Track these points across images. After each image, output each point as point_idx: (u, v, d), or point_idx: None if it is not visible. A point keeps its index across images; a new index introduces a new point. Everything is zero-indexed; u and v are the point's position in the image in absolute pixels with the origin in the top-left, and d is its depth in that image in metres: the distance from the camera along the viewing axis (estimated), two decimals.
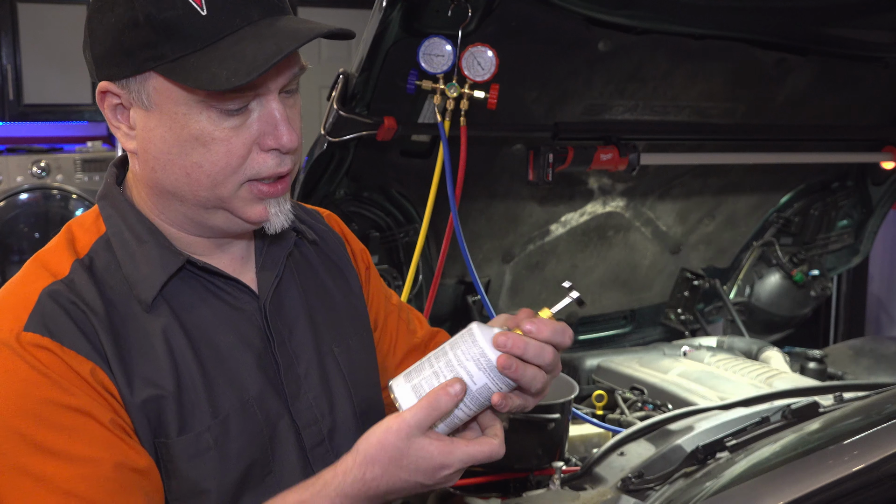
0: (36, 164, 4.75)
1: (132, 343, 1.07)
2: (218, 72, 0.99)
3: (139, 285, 1.09)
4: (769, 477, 1.22)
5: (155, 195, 1.12)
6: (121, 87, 1.05)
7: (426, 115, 2.30)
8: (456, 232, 2.13)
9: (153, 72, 1.02)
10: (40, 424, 0.99)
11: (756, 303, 3.28)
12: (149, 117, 1.05)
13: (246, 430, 1.13)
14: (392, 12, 2.00)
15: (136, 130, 1.07)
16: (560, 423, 1.71)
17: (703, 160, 2.85)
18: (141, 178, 1.12)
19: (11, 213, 4.66)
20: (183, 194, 1.09)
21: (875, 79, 2.85)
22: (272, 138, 1.07)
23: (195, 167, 1.06)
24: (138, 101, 1.05)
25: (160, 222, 1.14)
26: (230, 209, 1.10)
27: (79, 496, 0.99)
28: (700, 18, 2.35)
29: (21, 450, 0.99)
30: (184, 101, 1.03)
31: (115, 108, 1.08)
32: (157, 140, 1.06)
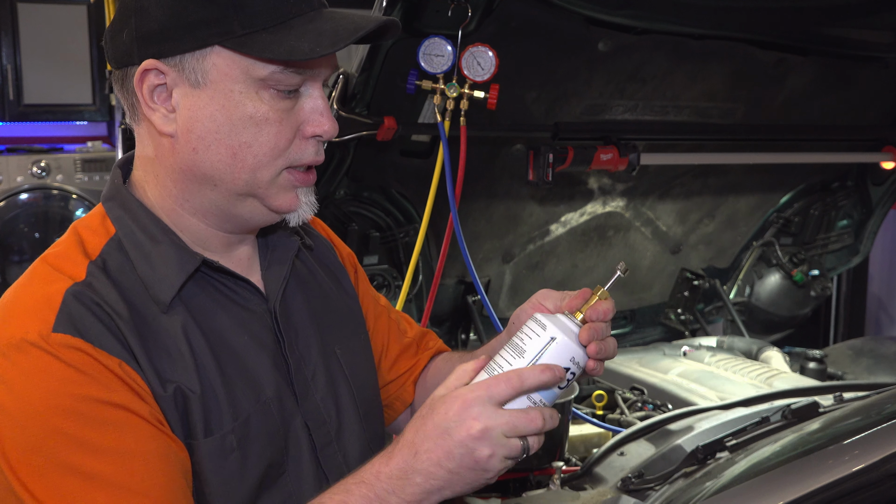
0: (36, 164, 4.74)
1: (157, 345, 1.06)
2: (297, 44, 1.01)
3: (156, 286, 1.08)
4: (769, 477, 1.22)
5: (184, 181, 1.09)
6: (170, 65, 1.04)
7: (426, 115, 2.30)
8: (456, 232, 2.13)
9: (218, 46, 1.02)
10: (84, 422, 0.98)
11: (756, 303, 3.28)
12: (198, 96, 1.05)
13: (264, 430, 1.12)
14: (392, 12, 2.00)
15: (179, 112, 1.06)
16: (560, 423, 1.71)
17: (703, 160, 2.85)
18: (171, 165, 1.09)
19: (11, 213, 4.66)
20: (221, 177, 1.08)
21: (875, 79, 2.85)
22: (316, 125, 1.09)
23: (244, 147, 1.06)
24: (189, 79, 1.04)
25: (178, 216, 1.12)
26: (262, 197, 1.10)
27: (131, 490, 0.98)
28: (700, 18, 2.35)
29: (67, 449, 0.97)
30: (242, 79, 1.04)
31: (155, 88, 1.06)
32: (206, 119, 1.05)
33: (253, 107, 1.05)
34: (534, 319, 1.06)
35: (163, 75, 1.05)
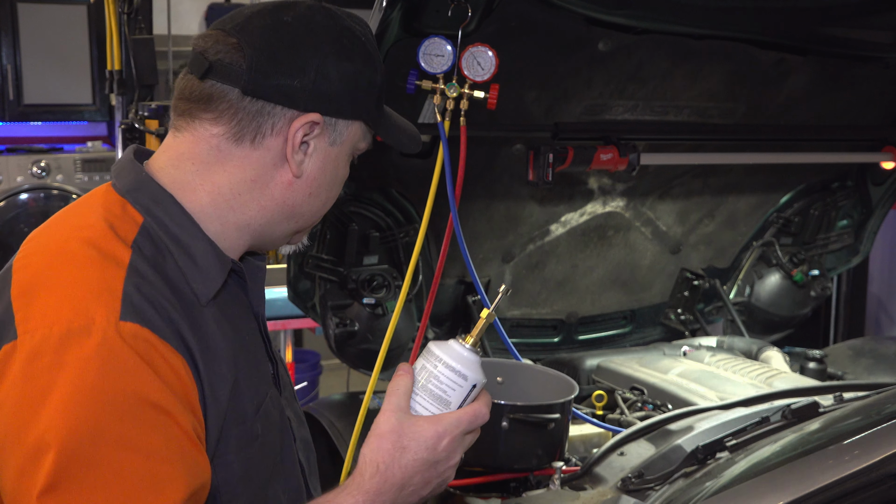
0: (36, 164, 4.75)
1: (204, 338, 1.10)
2: (400, 137, 1.29)
3: (200, 281, 1.13)
4: (769, 477, 1.22)
5: (278, 212, 1.21)
6: (328, 123, 1.19)
7: (426, 115, 2.30)
8: (456, 232, 2.13)
9: (361, 121, 1.23)
10: (126, 418, 0.99)
11: (756, 303, 3.28)
12: (330, 152, 1.21)
13: (273, 419, 1.22)
14: (392, 12, 2.00)
15: (311, 160, 1.20)
16: (560, 423, 1.71)
17: (703, 160, 2.85)
18: (279, 198, 1.20)
19: (11, 213, 4.66)
20: (306, 217, 1.24)
21: (875, 79, 2.85)
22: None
23: (331, 198, 1.26)
24: (330, 138, 1.20)
25: (219, 223, 1.18)
26: (301, 234, 1.29)
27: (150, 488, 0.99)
28: (700, 18, 2.35)
29: (102, 440, 0.98)
30: (352, 147, 1.24)
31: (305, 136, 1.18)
32: (329, 172, 1.22)
33: (345, 169, 1.26)
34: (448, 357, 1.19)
35: (317, 127, 1.18)
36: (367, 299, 2.51)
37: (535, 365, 2.05)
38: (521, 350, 2.39)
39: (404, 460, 1.13)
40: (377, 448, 1.13)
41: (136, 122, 3.55)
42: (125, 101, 3.81)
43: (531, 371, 1.95)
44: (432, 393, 1.16)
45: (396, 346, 2.60)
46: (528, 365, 2.03)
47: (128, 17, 3.52)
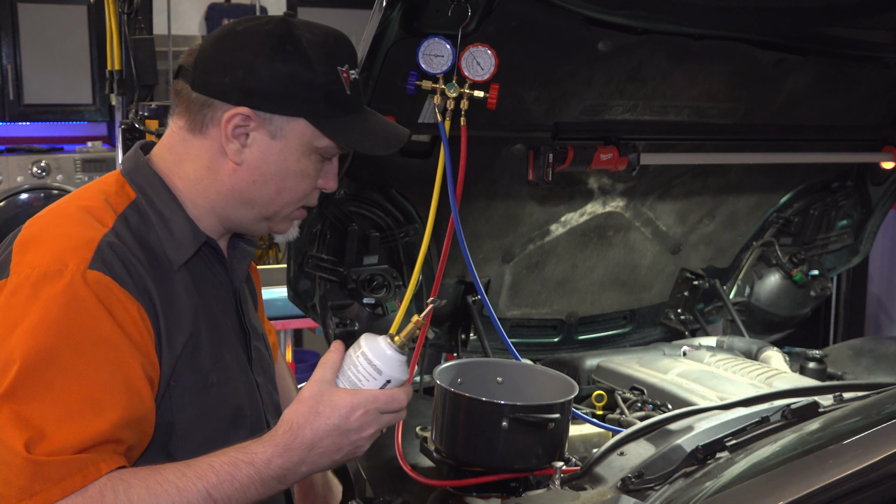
0: (36, 164, 4.76)
1: (169, 294, 1.31)
2: (361, 139, 1.39)
3: (173, 248, 1.35)
4: (769, 477, 1.22)
5: (229, 196, 1.39)
6: (260, 117, 1.34)
7: (426, 115, 2.30)
8: (457, 232, 2.13)
9: (304, 119, 1.35)
10: (78, 348, 1.20)
11: (756, 303, 3.28)
12: (272, 144, 1.36)
13: (234, 377, 1.42)
14: (392, 12, 2.00)
15: (250, 150, 1.36)
16: (560, 423, 1.71)
17: (703, 160, 2.85)
18: (226, 183, 1.38)
19: (11, 213, 4.66)
20: (261, 204, 1.40)
21: (875, 79, 2.85)
22: (327, 183, 1.45)
23: (287, 190, 1.39)
24: (269, 131, 1.35)
25: (198, 207, 1.39)
26: (273, 222, 1.44)
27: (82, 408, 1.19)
28: (700, 18, 2.35)
29: (54, 364, 1.18)
30: (307, 143, 1.37)
31: (237, 127, 1.34)
32: (272, 163, 1.36)
33: (305, 164, 1.39)
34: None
35: (249, 121, 1.34)
36: (367, 299, 2.51)
37: (535, 365, 2.05)
38: (521, 350, 2.39)
39: (317, 423, 1.26)
40: (295, 410, 1.29)
41: (136, 122, 3.56)
42: (125, 101, 3.82)
43: (531, 371, 1.95)
44: (349, 378, 1.31)
45: None
46: (528, 365, 2.03)
47: (128, 17, 3.52)
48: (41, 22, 4.84)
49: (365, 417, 1.28)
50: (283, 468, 1.26)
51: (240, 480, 1.23)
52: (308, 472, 1.29)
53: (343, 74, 1.37)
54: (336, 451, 1.28)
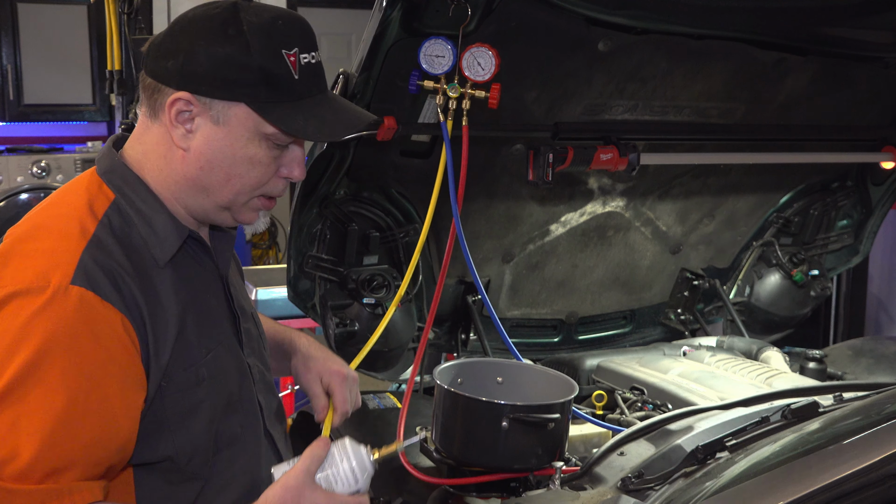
0: (36, 164, 4.75)
1: (153, 296, 1.32)
2: (305, 125, 1.34)
3: (157, 246, 1.35)
4: (769, 477, 1.22)
5: (185, 185, 1.38)
6: (200, 102, 1.32)
7: (426, 115, 2.30)
8: (457, 232, 2.13)
9: (244, 104, 1.32)
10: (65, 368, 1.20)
11: (756, 303, 3.28)
12: (215, 130, 1.34)
13: (226, 365, 1.44)
14: (392, 12, 2.00)
15: (195, 135, 1.34)
16: (560, 423, 1.71)
17: (703, 160, 2.85)
18: (178, 171, 1.37)
19: (11, 213, 4.64)
20: (213, 192, 1.38)
21: (875, 79, 2.85)
22: (290, 171, 1.41)
23: (236, 176, 1.37)
24: (211, 117, 1.33)
25: (169, 201, 1.39)
26: (234, 212, 1.42)
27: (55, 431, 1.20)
28: (700, 18, 2.35)
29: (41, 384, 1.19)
30: (252, 129, 1.34)
31: (181, 112, 1.33)
32: (216, 150, 1.35)
33: (253, 151, 1.36)
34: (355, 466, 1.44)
35: (191, 106, 1.33)
36: (367, 299, 2.51)
37: (535, 365, 2.05)
38: (521, 350, 2.39)
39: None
40: (280, 496, 1.33)
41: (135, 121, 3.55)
42: (125, 101, 3.81)
43: (531, 371, 1.95)
44: (328, 478, 1.40)
45: (397, 346, 2.60)
46: (528, 365, 2.03)
47: (128, 17, 3.52)
48: (41, 22, 4.84)
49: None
50: None
51: None
52: None
53: (289, 58, 1.32)
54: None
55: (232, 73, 1.31)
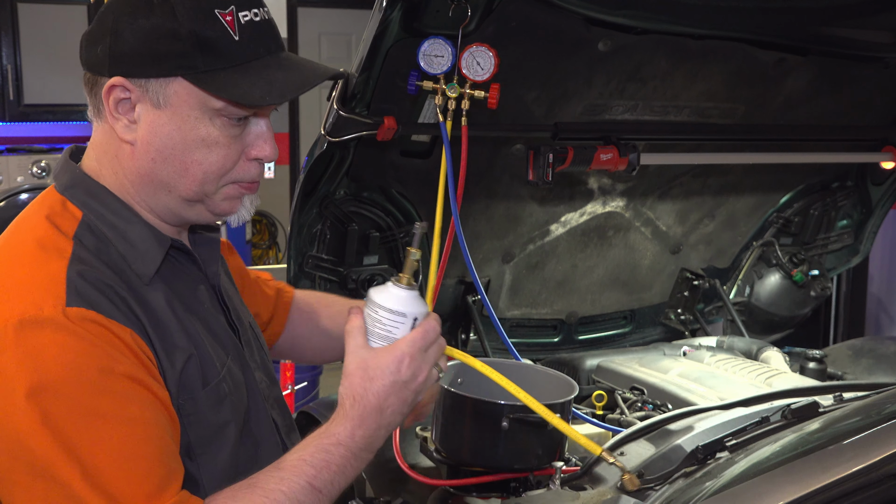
0: (36, 164, 4.75)
1: (152, 315, 1.20)
2: (250, 89, 1.17)
3: (138, 261, 1.22)
4: (769, 477, 1.22)
5: (142, 184, 1.23)
6: (136, 85, 1.18)
7: (426, 115, 2.30)
8: (457, 232, 2.13)
9: (181, 78, 1.17)
10: (95, 392, 1.08)
11: (756, 303, 3.28)
12: (158, 115, 1.19)
13: (237, 378, 1.33)
14: (392, 12, 2.00)
15: (140, 124, 1.20)
16: None
17: (703, 160, 2.85)
18: (130, 168, 1.23)
19: (11, 213, 4.64)
20: (174, 186, 1.22)
21: (875, 79, 2.85)
22: (259, 150, 1.25)
23: (195, 164, 1.21)
24: (151, 99, 1.18)
25: (138, 208, 1.25)
26: (208, 204, 1.26)
27: (132, 454, 1.09)
28: (700, 18, 2.35)
29: (77, 416, 1.07)
30: (198, 106, 1.18)
31: (120, 101, 1.19)
32: (164, 136, 1.19)
33: (206, 131, 1.20)
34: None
35: (128, 91, 1.18)
36: None
37: (535, 365, 2.05)
38: (521, 350, 2.39)
39: (375, 388, 1.22)
40: (349, 385, 1.23)
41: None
42: None
43: (531, 371, 1.95)
44: (380, 335, 1.27)
45: None
46: (528, 365, 2.03)
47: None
48: (41, 22, 4.84)
49: (413, 363, 1.24)
50: (366, 437, 1.23)
51: (336, 463, 1.20)
52: (387, 433, 1.26)
53: (225, 18, 1.16)
54: (403, 404, 1.25)
55: (161, 45, 1.15)
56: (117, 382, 1.10)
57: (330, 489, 1.19)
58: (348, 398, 1.23)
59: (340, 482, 1.21)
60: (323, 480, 1.18)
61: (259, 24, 1.20)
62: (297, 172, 6.20)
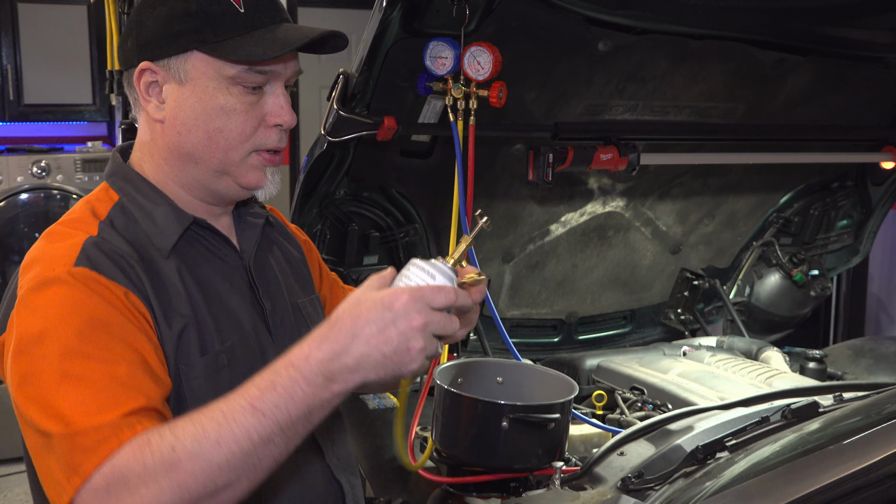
0: (36, 164, 4.75)
1: (160, 282, 1.30)
2: (254, 49, 1.29)
3: (158, 237, 1.33)
4: (769, 477, 1.22)
5: (173, 159, 1.36)
6: (161, 66, 1.32)
7: (426, 115, 2.31)
8: (464, 230, 2.13)
9: (196, 51, 1.30)
10: (78, 337, 1.17)
11: (756, 303, 3.28)
12: (182, 90, 1.32)
13: (246, 355, 1.37)
14: (392, 12, 2.00)
15: (167, 103, 1.33)
16: (560, 423, 1.71)
17: (703, 160, 2.85)
18: (162, 146, 1.36)
19: (11, 213, 4.65)
20: (200, 156, 1.34)
21: (875, 79, 2.85)
22: (277, 116, 1.35)
23: (217, 132, 1.32)
24: (175, 77, 1.31)
25: (171, 187, 1.38)
26: (234, 175, 1.36)
27: (119, 380, 1.16)
28: (700, 18, 2.35)
29: (69, 358, 1.16)
30: (215, 77, 1.30)
31: (150, 85, 1.33)
32: (188, 108, 1.32)
33: (223, 99, 1.31)
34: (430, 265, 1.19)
35: (155, 74, 1.32)
36: None
37: (535, 365, 2.05)
38: (521, 350, 2.39)
39: (357, 311, 1.11)
40: (337, 308, 1.15)
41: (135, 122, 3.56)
42: (125, 101, 3.81)
43: (531, 371, 1.95)
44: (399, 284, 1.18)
45: None
46: (528, 365, 2.03)
47: (128, 17, 3.52)
48: (41, 22, 4.83)
49: (411, 304, 1.10)
50: (324, 360, 1.10)
51: (282, 385, 1.10)
52: (355, 366, 1.10)
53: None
54: (383, 341, 1.09)
55: (176, 25, 1.30)
56: (102, 330, 1.19)
57: (275, 413, 1.09)
58: (325, 322, 1.14)
59: (289, 408, 1.09)
60: (267, 403, 1.09)
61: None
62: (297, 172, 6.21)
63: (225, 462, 1.08)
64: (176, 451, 1.08)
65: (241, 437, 1.08)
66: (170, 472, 1.07)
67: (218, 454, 1.08)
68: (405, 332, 1.10)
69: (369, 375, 1.10)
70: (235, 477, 1.09)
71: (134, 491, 1.07)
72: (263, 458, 1.10)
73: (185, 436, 1.09)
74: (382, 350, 1.10)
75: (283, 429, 1.10)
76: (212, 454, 1.08)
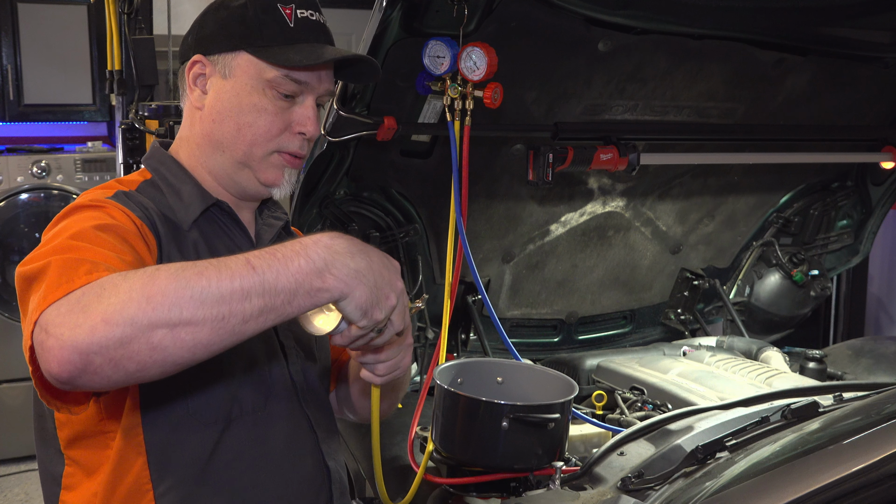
0: (36, 164, 4.74)
1: (177, 241, 1.41)
2: (293, 56, 1.43)
3: (182, 210, 1.45)
4: (769, 477, 1.22)
5: (205, 144, 1.49)
6: (211, 61, 1.46)
7: (426, 115, 2.31)
8: (459, 232, 2.13)
9: (244, 51, 1.44)
10: (103, 228, 1.26)
11: (756, 303, 3.28)
12: (224, 84, 1.46)
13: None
14: (392, 12, 2.00)
15: (209, 94, 1.47)
16: (560, 423, 1.71)
17: (703, 160, 2.85)
18: (198, 132, 1.49)
19: (11, 213, 4.65)
20: (227, 145, 1.47)
21: (875, 79, 2.85)
22: (302, 126, 1.48)
23: (246, 126, 1.45)
24: (221, 72, 1.46)
25: (200, 172, 1.50)
26: (255, 169, 1.48)
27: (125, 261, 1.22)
28: (700, 18, 2.35)
29: (80, 238, 1.23)
30: (256, 76, 1.44)
31: (198, 77, 1.47)
32: (225, 100, 1.46)
33: (258, 98, 1.45)
34: None
35: (204, 67, 1.47)
36: None
37: (535, 365, 2.05)
38: (521, 350, 2.39)
39: (371, 249, 1.21)
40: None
41: (136, 122, 3.56)
42: (125, 101, 3.81)
43: (531, 371, 1.95)
44: None
45: None
46: (528, 365, 2.03)
47: (128, 17, 3.52)
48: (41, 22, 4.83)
49: (384, 258, 1.21)
50: (332, 248, 1.15)
51: (283, 253, 1.13)
52: (352, 273, 1.15)
53: (284, 10, 1.45)
54: (380, 274, 1.18)
55: (233, 27, 1.45)
56: (118, 232, 1.27)
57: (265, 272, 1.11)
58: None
59: (280, 274, 1.11)
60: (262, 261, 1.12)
61: (313, 21, 1.47)
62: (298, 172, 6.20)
63: (199, 294, 1.07)
64: (159, 270, 1.09)
65: (224, 277, 1.08)
66: (145, 285, 1.07)
67: (196, 283, 1.07)
68: (392, 283, 1.20)
69: (354, 291, 1.15)
70: (201, 317, 1.07)
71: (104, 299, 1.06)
72: (233, 314, 1.08)
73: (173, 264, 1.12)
74: (376, 279, 1.18)
75: (265, 291, 1.10)
76: (189, 280, 1.07)
